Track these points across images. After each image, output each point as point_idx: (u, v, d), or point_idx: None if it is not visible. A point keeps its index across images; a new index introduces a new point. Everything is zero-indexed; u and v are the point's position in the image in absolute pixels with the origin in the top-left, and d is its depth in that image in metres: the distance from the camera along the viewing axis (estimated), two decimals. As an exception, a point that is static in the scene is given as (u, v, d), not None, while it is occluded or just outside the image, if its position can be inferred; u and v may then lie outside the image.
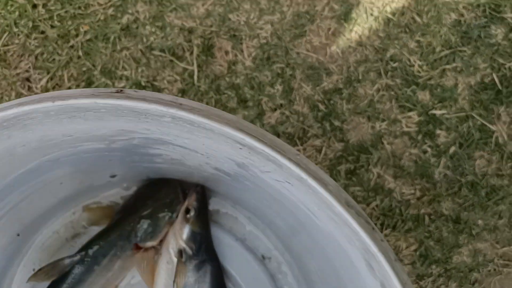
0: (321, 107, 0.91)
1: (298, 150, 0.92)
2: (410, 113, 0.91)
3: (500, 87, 0.92)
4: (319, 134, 0.91)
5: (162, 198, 0.84)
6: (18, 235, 0.87)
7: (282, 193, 0.56)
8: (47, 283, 0.83)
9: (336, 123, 0.91)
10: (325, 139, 0.92)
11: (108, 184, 0.88)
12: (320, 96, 0.91)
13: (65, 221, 0.92)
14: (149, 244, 0.84)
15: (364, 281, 0.53)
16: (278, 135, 0.91)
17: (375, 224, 0.89)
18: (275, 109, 0.91)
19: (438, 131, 0.91)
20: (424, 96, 0.92)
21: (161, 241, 0.87)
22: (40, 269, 0.82)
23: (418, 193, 0.91)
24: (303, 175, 0.41)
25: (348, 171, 0.91)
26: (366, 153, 0.91)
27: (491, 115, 0.91)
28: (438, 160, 0.91)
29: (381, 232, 0.91)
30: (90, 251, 0.83)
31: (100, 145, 0.64)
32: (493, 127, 0.91)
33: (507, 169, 0.91)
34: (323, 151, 0.91)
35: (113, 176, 0.84)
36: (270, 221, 0.83)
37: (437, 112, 0.91)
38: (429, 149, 0.91)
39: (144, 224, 0.84)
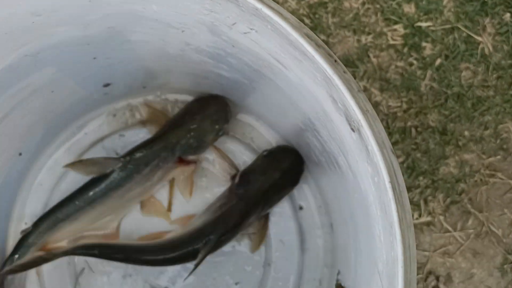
0: (307, 21, 0.91)
1: (284, 65, 0.92)
2: (396, 26, 0.91)
3: (485, -2, 0.92)
4: (305, 48, 0.91)
5: (210, 115, 0.86)
6: (20, 154, 0.87)
7: (252, 51, 0.57)
8: (83, 177, 0.85)
9: (322, 37, 0.91)
10: (311, 53, 0.91)
11: (103, 100, 0.88)
12: (305, 10, 0.91)
13: (67, 145, 0.92)
14: (191, 158, 0.85)
15: (331, 121, 0.54)
16: (264, 50, 0.91)
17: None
18: (261, 24, 0.91)
19: (424, 44, 0.92)
20: (409, 8, 0.92)
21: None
22: (80, 160, 0.83)
23: (404, 106, 0.92)
24: (258, 5, 0.41)
25: (335, 85, 0.91)
26: (352, 67, 0.91)
27: (476, 27, 0.92)
28: (424, 72, 0.91)
29: (369, 145, 0.91)
30: (133, 159, 0.83)
31: (76, 32, 0.63)
32: (478, 38, 0.91)
33: (492, 80, 0.91)
34: (309, 66, 0.91)
35: (106, 85, 0.83)
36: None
37: (423, 25, 0.91)
38: (415, 62, 0.92)
39: (190, 139, 0.84)
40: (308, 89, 0.57)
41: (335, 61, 0.48)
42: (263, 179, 0.84)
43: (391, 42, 0.91)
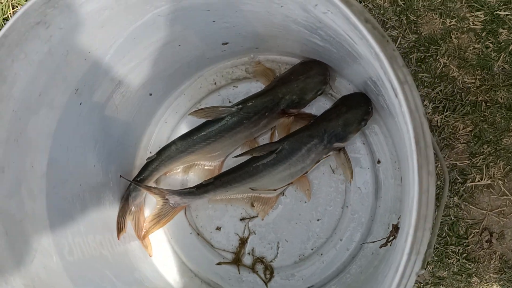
0: (400, 2, 1.05)
1: (377, 39, 1.07)
2: (478, 13, 1.05)
3: (560, -6, 1.04)
4: (396, 26, 1.06)
5: (312, 76, 1.01)
6: (150, 94, 1.05)
7: (332, 27, 0.72)
8: (202, 120, 1.02)
9: (412, 17, 1.06)
10: (401, 30, 1.06)
11: (221, 56, 1.05)
12: (399, -7, 1.05)
13: (189, 91, 1.11)
14: (292, 111, 1.02)
15: (386, 88, 0.68)
16: (360, 25, 1.06)
17: (438, 107, 1.04)
18: (360, 1, 1.06)
19: (500, 30, 1.05)
20: (491, -2, 1.05)
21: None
22: (201, 109, 1.01)
23: (478, 83, 1.05)
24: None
25: (419, 59, 1.06)
26: (435, 45, 1.06)
27: (549, 18, 1.04)
28: (498, 55, 1.05)
29: (442, 113, 1.06)
30: (245, 107, 1.00)
31: (200, 0, 0.80)
32: (550, 29, 1.04)
33: (559, 66, 1.04)
34: (398, 41, 1.06)
35: (224, 44, 1.00)
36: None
37: (502, 13, 1.05)
38: (491, 45, 1.05)
39: (294, 95, 1.01)
40: (370, 61, 0.72)
41: (387, 41, 0.62)
42: (330, 112, 1.00)
43: (472, 26, 1.05)
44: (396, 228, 0.93)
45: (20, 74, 0.76)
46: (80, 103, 0.92)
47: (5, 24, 0.70)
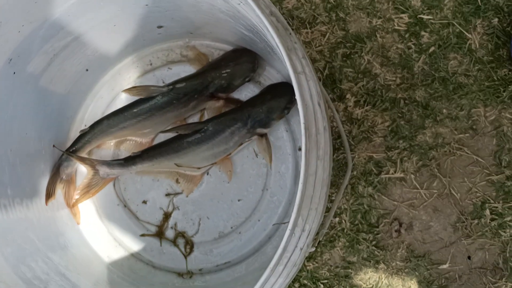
0: (331, 0, 1.11)
1: (307, 32, 1.13)
2: (402, 15, 1.11)
3: (479, 3, 1.10)
4: (326, 21, 1.12)
5: (241, 63, 1.06)
6: (87, 70, 1.09)
7: (248, 18, 0.76)
8: (135, 98, 1.08)
9: (341, 14, 1.11)
10: (330, 26, 1.12)
11: (157, 38, 1.10)
12: (330, -9, 1.11)
13: (126, 70, 1.15)
14: (221, 95, 1.07)
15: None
16: (292, 18, 1.12)
17: (359, 101, 1.10)
18: (293, -4, 1.12)
19: (422, 33, 1.11)
20: (416, 2, 1.11)
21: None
22: (134, 87, 1.06)
23: (398, 81, 1.11)
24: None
25: (344, 55, 1.12)
26: (361, 42, 1.12)
27: (468, 25, 1.10)
28: (419, 56, 1.11)
29: (363, 107, 1.12)
30: (175, 88, 1.05)
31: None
32: (468, 35, 1.10)
33: (474, 71, 1.10)
34: (326, 36, 1.12)
35: (160, 27, 1.05)
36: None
37: (425, 17, 1.11)
38: (413, 46, 1.11)
39: (222, 80, 1.06)
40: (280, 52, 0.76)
41: (290, 33, 0.67)
42: (255, 99, 1.05)
43: (396, 27, 1.11)
44: None
45: (-50, 38, 0.80)
46: (14, 73, 0.96)
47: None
